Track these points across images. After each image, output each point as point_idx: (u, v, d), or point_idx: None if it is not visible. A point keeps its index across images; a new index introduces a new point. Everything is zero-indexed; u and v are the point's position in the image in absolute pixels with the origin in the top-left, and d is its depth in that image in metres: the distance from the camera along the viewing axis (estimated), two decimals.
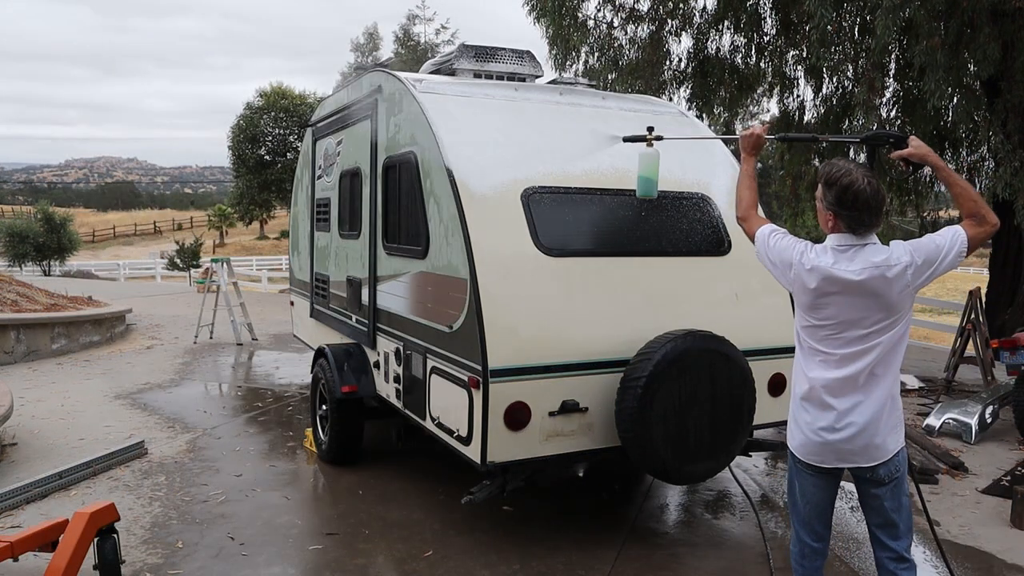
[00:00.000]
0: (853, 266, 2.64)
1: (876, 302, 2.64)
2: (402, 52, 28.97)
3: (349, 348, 5.53)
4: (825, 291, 2.68)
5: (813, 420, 2.77)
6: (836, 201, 2.65)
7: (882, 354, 2.68)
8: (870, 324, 2.66)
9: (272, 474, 5.40)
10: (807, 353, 2.80)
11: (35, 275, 22.83)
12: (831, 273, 2.66)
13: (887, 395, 2.71)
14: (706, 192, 4.76)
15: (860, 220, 2.64)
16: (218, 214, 49.96)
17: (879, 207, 2.65)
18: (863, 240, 2.68)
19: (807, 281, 2.72)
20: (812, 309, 2.74)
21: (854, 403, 2.70)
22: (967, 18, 7.51)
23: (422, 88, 4.69)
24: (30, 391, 7.71)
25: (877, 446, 2.71)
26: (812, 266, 2.70)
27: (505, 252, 3.99)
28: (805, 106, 11.27)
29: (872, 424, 2.69)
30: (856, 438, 2.71)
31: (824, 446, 2.75)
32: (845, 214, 2.65)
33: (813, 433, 2.77)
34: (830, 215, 2.70)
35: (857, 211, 2.63)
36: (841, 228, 2.69)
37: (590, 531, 4.47)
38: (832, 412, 2.72)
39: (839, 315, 2.68)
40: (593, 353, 4.00)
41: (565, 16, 10.86)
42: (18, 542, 3.43)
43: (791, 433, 2.88)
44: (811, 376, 2.77)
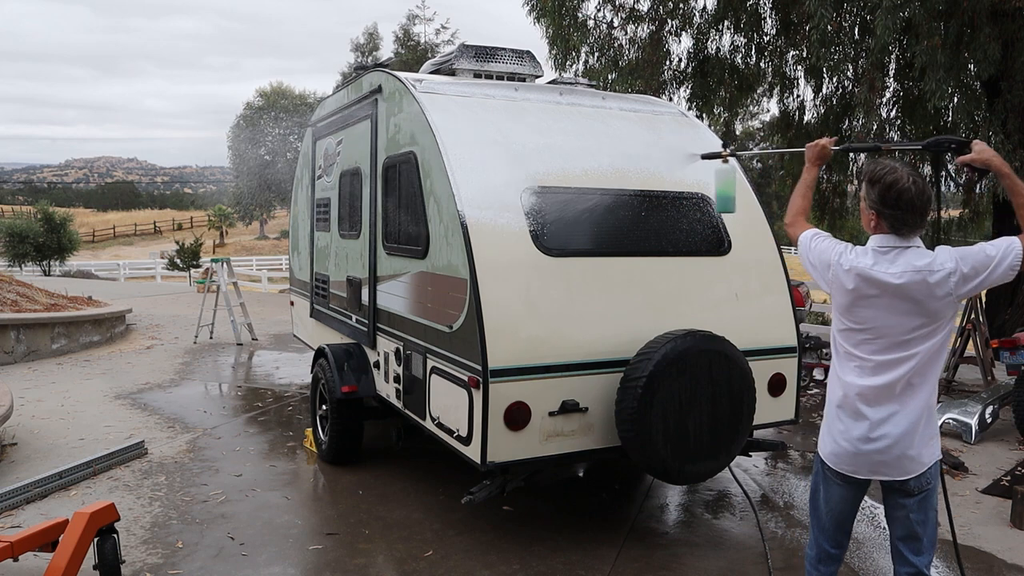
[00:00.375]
0: (893, 268, 2.57)
1: (915, 308, 2.56)
2: (402, 52, 28.95)
3: (349, 348, 5.53)
4: (863, 293, 2.61)
5: (847, 429, 2.69)
6: (879, 199, 2.58)
7: (920, 363, 2.59)
8: (908, 331, 2.58)
9: (272, 474, 5.40)
10: (843, 359, 2.72)
11: (35, 275, 22.84)
12: (870, 274, 2.59)
13: (924, 406, 2.62)
14: (706, 192, 4.75)
15: (903, 220, 2.57)
16: (218, 214, 50.00)
17: (924, 208, 2.58)
18: (906, 242, 2.59)
19: (845, 282, 2.65)
20: (849, 312, 2.66)
21: (889, 413, 2.61)
22: (967, 18, 7.52)
23: (422, 88, 4.69)
24: (30, 391, 7.72)
25: (911, 458, 2.62)
26: (851, 267, 2.63)
27: (505, 252, 3.99)
28: (805, 106, 11.29)
29: (907, 436, 2.60)
30: (890, 450, 2.63)
31: (857, 456, 2.67)
32: (888, 213, 2.58)
33: (847, 443, 2.69)
34: (872, 214, 2.62)
35: (900, 210, 2.55)
36: (884, 228, 2.61)
37: (590, 531, 4.47)
38: (866, 422, 2.64)
39: (876, 319, 2.60)
40: (593, 353, 4.01)
41: (565, 16, 10.86)
42: (18, 542, 3.43)
43: (823, 440, 2.80)
44: (846, 382, 2.69)
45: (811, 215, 3.17)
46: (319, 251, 6.72)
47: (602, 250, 4.25)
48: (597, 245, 4.26)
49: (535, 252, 4.05)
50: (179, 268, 26.84)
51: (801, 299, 8.10)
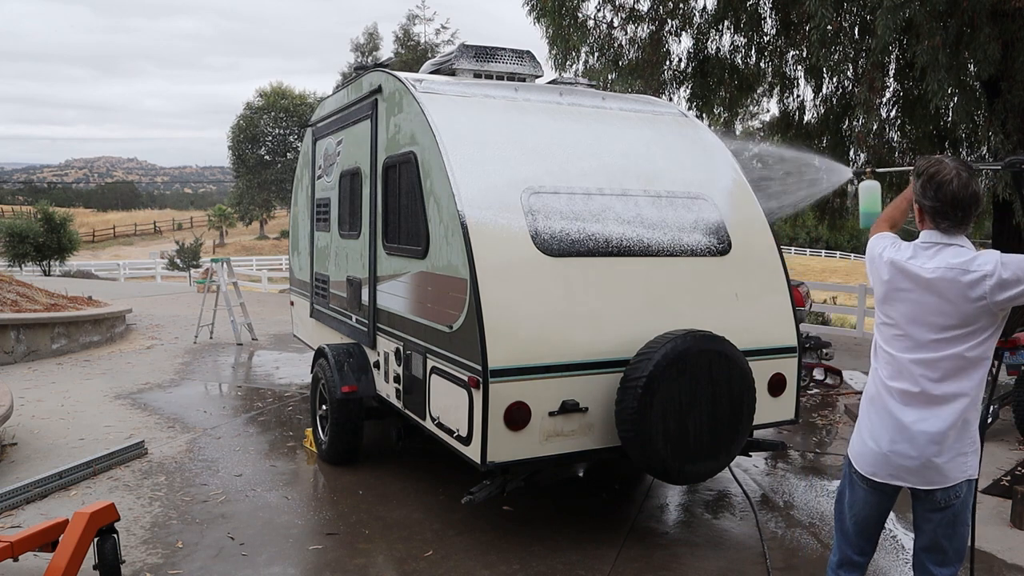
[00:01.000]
0: (929, 264, 2.50)
1: (948, 307, 2.46)
2: (402, 52, 28.97)
3: (349, 348, 5.53)
4: (896, 286, 2.56)
5: (872, 428, 2.62)
6: (921, 192, 2.52)
7: (953, 369, 2.48)
8: (939, 330, 2.48)
9: (272, 474, 5.40)
10: (878, 354, 2.66)
11: (35, 275, 22.83)
12: (904, 266, 2.54)
13: (958, 417, 2.48)
14: (707, 192, 4.75)
15: (943, 213, 2.48)
16: (218, 214, 50.00)
17: (967, 203, 2.47)
18: (949, 239, 2.51)
19: (881, 272, 2.62)
20: (884, 303, 2.62)
21: (918, 417, 2.51)
22: (967, 18, 7.52)
23: (422, 88, 4.69)
24: (30, 391, 7.71)
25: (936, 469, 2.50)
26: (889, 258, 2.59)
27: (505, 252, 3.99)
28: (805, 106, 11.29)
29: (933, 444, 2.48)
30: (913, 456, 2.52)
31: (878, 457, 2.59)
32: (928, 205, 2.51)
33: (872, 442, 2.60)
34: (917, 208, 2.57)
35: (940, 202, 2.47)
36: (927, 223, 2.55)
37: (590, 531, 4.47)
38: (893, 421, 2.55)
39: (907, 314, 2.54)
40: (593, 353, 4.01)
41: (565, 16, 10.86)
42: (18, 542, 3.43)
43: (852, 439, 2.72)
44: (878, 378, 2.63)
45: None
46: (319, 251, 6.72)
47: (602, 250, 4.25)
48: (597, 245, 4.26)
49: (535, 252, 4.05)
50: (179, 268, 26.86)
51: (801, 299, 8.09)
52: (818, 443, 6.48)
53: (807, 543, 4.38)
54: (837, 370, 8.29)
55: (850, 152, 10.70)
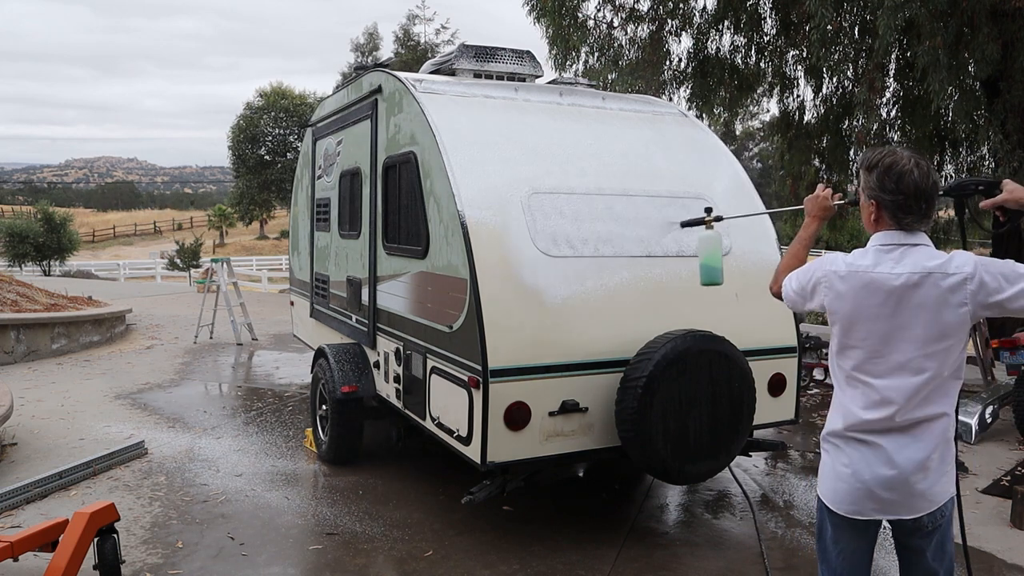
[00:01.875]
0: (899, 268, 2.21)
1: (927, 317, 2.19)
2: (402, 52, 28.96)
3: (349, 348, 5.53)
4: (862, 302, 2.25)
5: (850, 462, 2.31)
6: (878, 185, 2.24)
7: (934, 388, 2.23)
8: (918, 346, 2.21)
9: (272, 474, 5.40)
10: (842, 382, 2.36)
11: (35, 275, 22.83)
12: (870, 276, 2.24)
13: (940, 437, 2.26)
14: (707, 193, 4.75)
15: (906, 207, 2.22)
16: (218, 214, 49.98)
17: (929, 194, 2.22)
18: (913, 239, 2.24)
19: (839, 288, 2.29)
20: (847, 327, 2.30)
21: (898, 444, 2.25)
22: (967, 18, 7.52)
23: (422, 88, 4.70)
24: (30, 391, 7.72)
25: (922, 494, 2.27)
26: (847, 270, 2.28)
27: (505, 252, 3.99)
28: (805, 106, 11.29)
29: (919, 471, 2.24)
30: (898, 486, 2.26)
31: (859, 493, 2.30)
32: (888, 200, 2.23)
33: (850, 478, 2.31)
34: (872, 205, 2.28)
35: (903, 195, 2.20)
36: (885, 222, 2.27)
37: (590, 531, 4.47)
38: (871, 453, 2.28)
39: (879, 331, 2.24)
40: (593, 353, 4.01)
41: (565, 16, 10.86)
42: (18, 542, 3.43)
43: (821, 477, 2.42)
44: (848, 410, 2.32)
45: None
46: (319, 251, 6.72)
47: (602, 250, 4.25)
48: (597, 245, 4.26)
49: (535, 252, 4.05)
50: (179, 268, 26.84)
51: None
52: (818, 443, 6.47)
53: (807, 543, 4.38)
54: None
55: (850, 152, 10.71)
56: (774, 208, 5.22)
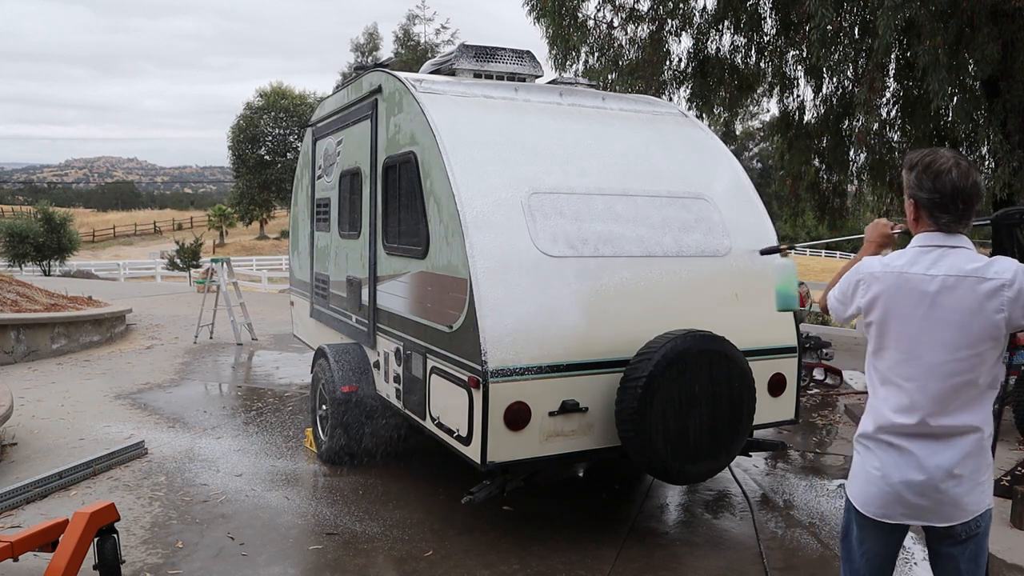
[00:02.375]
0: (935, 270, 2.19)
1: (960, 322, 2.17)
2: (402, 52, 28.98)
3: (349, 348, 5.53)
4: (896, 301, 2.23)
5: (880, 465, 2.29)
6: (916, 183, 2.23)
7: (966, 397, 2.21)
8: (950, 350, 2.18)
9: (272, 474, 5.40)
10: (876, 384, 2.34)
11: (35, 275, 22.83)
12: (906, 277, 2.22)
13: (974, 444, 2.22)
14: (707, 193, 4.76)
15: (943, 205, 2.19)
16: (218, 214, 50.00)
17: (969, 194, 2.18)
18: (953, 240, 2.21)
19: (874, 288, 2.28)
20: (881, 326, 2.28)
21: (928, 450, 2.22)
22: (967, 18, 7.52)
23: (422, 88, 4.70)
24: (30, 391, 7.71)
25: (954, 503, 2.23)
26: (883, 271, 2.27)
27: (505, 252, 3.99)
28: (805, 106, 11.29)
29: (949, 477, 2.21)
30: (929, 492, 2.23)
31: (888, 497, 2.28)
32: (924, 198, 2.21)
33: (879, 481, 2.29)
34: (911, 204, 2.27)
35: (939, 193, 2.18)
36: (924, 222, 2.25)
37: (590, 531, 4.47)
38: (904, 457, 2.25)
39: (911, 333, 2.22)
40: (593, 353, 4.01)
41: (565, 16, 10.87)
42: (18, 542, 3.43)
43: (851, 478, 2.41)
44: (878, 412, 2.31)
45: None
46: (319, 251, 6.72)
47: (602, 250, 4.25)
48: (597, 246, 4.26)
49: (535, 252, 4.05)
50: (179, 268, 26.83)
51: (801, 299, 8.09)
52: (818, 443, 6.48)
53: (807, 543, 4.38)
54: (837, 370, 8.29)
55: (850, 152, 10.70)
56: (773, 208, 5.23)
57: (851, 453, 2.53)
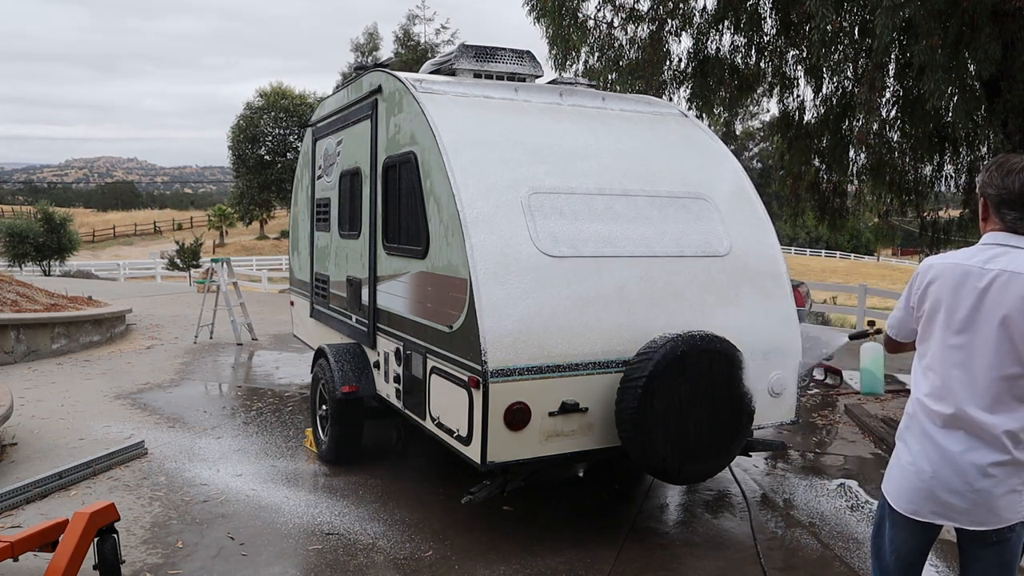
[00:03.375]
0: (991, 265, 2.19)
1: (1009, 317, 2.14)
2: (402, 52, 28.95)
3: (349, 348, 5.53)
4: (948, 291, 2.25)
5: (914, 460, 2.29)
6: (987, 180, 2.26)
7: (1007, 395, 2.17)
8: (993, 346, 2.17)
9: (272, 474, 5.40)
10: (918, 376, 2.34)
11: (35, 275, 22.83)
12: (961, 268, 2.23)
13: (1010, 448, 2.17)
14: (707, 193, 4.75)
15: (1009, 202, 2.21)
16: (218, 214, 50.00)
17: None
18: (1018, 241, 2.21)
19: (928, 278, 2.31)
20: (930, 314, 2.30)
21: (965, 446, 2.20)
22: (967, 18, 7.51)
23: (422, 88, 4.69)
24: (30, 391, 7.71)
25: (987, 507, 2.19)
26: (940, 263, 2.29)
27: (505, 252, 3.99)
28: (805, 106, 11.28)
29: (984, 477, 2.17)
30: (962, 489, 2.20)
31: (919, 492, 2.26)
32: (992, 194, 2.24)
33: (913, 476, 2.28)
34: (982, 202, 2.30)
35: (1006, 190, 2.21)
36: (992, 219, 2.27)
37: (590, 531, 4.47)
38: (936, 449, 2.24)
39: (957, 323, 2.23)
40: (593, 353, 4.01)
41: (565, 16, 10.86)
42: (18, 542, 3.43)
43: (887, 474, 2.42)
44: (916, 399, 2.31)
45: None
46: (319, 251, 6.72)
47: (602, 251, 4.25)
48: (597, 246, 4.26)
49: (535, 252, 4.05)
50: (179, 268, 26.84)
51: (801, 299, 8.09)
52: (818, 443, 6.48)
53: (807, 543, 4.38)
54: (837, 370, 8.29)
55: (850, 152, 10.69)
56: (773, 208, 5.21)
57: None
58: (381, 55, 30.40)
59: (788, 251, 46.64)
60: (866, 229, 37.71)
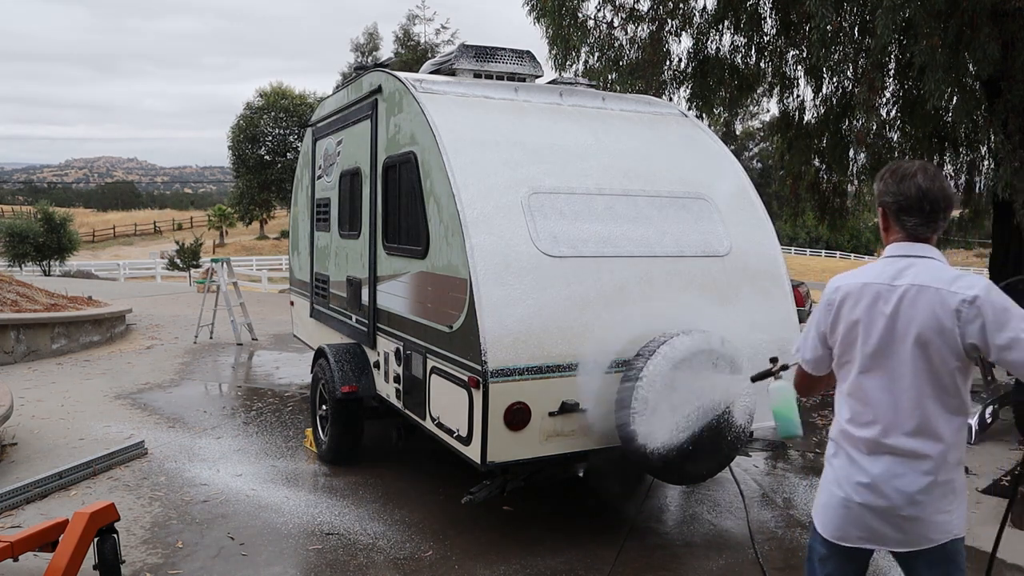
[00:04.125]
0: (899, 281, 2.12)
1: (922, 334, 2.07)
2: (402, 52, 28.95)
3: (349, 348, 5.53)
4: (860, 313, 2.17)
5: (839, 486, 2.21)
6: (883, 188, 2.19)
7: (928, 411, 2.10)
8: (910, 364, 2.10)
9: (272, 474, 5.40)
10: (840, 401, 2.27)
11: (35, 275, 22.83)
12: (868, 286, 2.17)
13: (937, 469, 2.10)
14: (707, 193, 4.75)
15: (908, 208, 2.14)
16: (218, 214, 50.01)
17: (935, 196, 2.12)
18: (921, 251, 2.15)
19: (837, 301, 2.23)
20: (845, 338, 2.22)
21: (890, 472, 2.12)
22: (967, 18, 7.51)
23: (422, 88, 4.69)
24: (30, 391, 7.71)
25: (916, 532, 2.12)
26: (847, 283, 2.23)
27: (505, 252, 3.99)
28: (805, 106, 11.29)
29: (910, 504, 2.10)
30: (889, 517, 2.13)
31: (844, 519, 2.20)
32: (891, 202, 2.17)
33: (837, 504, 2.21)
34: (880, 212, 2.23)
35: (903, 196, 2.14)
36: (893, 229, 2.20)
37: (590, 531, 4.47)
38: (861, 474, 2.16)
39: (872, 345, 2.15)
40: (593, 353, 4.00)
41: (565, 16, 10.86)
42: (18, 542, 3.43)
43: (817, 496, 2.34)
44: (840, 426, 2.24)
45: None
46: (319, 251, 6.72)
47: (602, 250, 4.25)
48: (597, 246, 4.25)
49: (535, 252, 4.05)
50: (179, 268, 26.84)
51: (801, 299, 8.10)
52: (818, 443, 6.48)
53: (807, 543, 4.37)
54: None
55: (850, 152, 10.70)
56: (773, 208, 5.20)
57: None
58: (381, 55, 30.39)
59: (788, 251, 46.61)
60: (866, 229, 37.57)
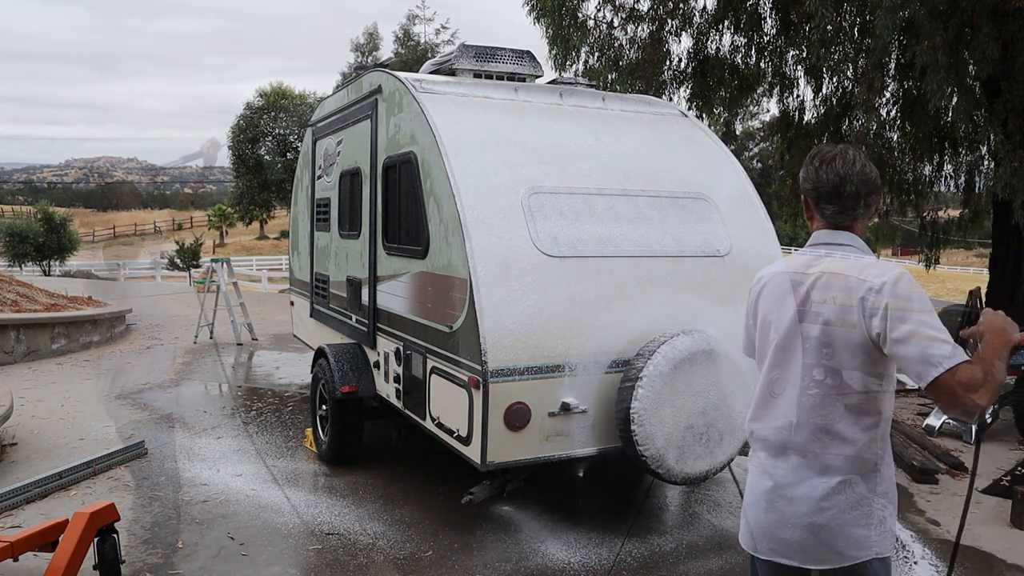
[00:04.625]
0: (812, 268, 2.01)
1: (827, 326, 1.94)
2: (402, 52, 28.97)
3: (349, 348, 5.52)
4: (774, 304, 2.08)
5: (751, 491, 2.09)
6: (804, 175, 2.08)
7: (838, 409, 1.94)
8: (820, 357, 1.95)
9: (272, 474, 5.40)
10: (757, 400, 2.15)
11: (35, 275, 22.82)
12: (782, 275, 2.07)
13: (847, 476, 1.94)
14: (707, 193, 4.75)
15: (825, 195, 2.02)
16: (218, 214, 49.99)
17: (853, 179, 1.99)
18: (840, 239, 2.03)
19: (756, 292, 2.17)
20: (762, 331, 2.13)
21: (796, 475, 1.97)
22: (967, 18, 7.51)
23: (422, 88, 4.69)
24: (30, 391, 7.71)
25: (825, 544, 1.95)
26: (768, 273, 2.15)
27: (505, 252, 3.99)
28: (805, 106, 11.28)
29: (817, 512, 1.94)
30: (793, 525, 1.97)
31: (757, 527, 2.05)
32: (811, 189, 2.06)
33: (748, 507, 2.09)
34: (804, 201, 2.14)
35: (821, 182, 2.02)
36: (815, 217, 2.10)
37: (590, 531, 4.46)
38: (768, 479, 2.03)
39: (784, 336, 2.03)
40: (593, 353, 4.00)
41: (565, 16, 10.85)
42: (18, 542, 3.43)
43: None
44: (748, 423, 2.13)
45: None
46: (319, 251, 6.72)
47: (602, 250, 4.25)
48: (597, 246, 4.25)
49: (535, 252, 4.05)
50: (179, 268, 26.83)
51: None
52: None
53: None
54: None
55: None
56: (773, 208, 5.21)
57: None
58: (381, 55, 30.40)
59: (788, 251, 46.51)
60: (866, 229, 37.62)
